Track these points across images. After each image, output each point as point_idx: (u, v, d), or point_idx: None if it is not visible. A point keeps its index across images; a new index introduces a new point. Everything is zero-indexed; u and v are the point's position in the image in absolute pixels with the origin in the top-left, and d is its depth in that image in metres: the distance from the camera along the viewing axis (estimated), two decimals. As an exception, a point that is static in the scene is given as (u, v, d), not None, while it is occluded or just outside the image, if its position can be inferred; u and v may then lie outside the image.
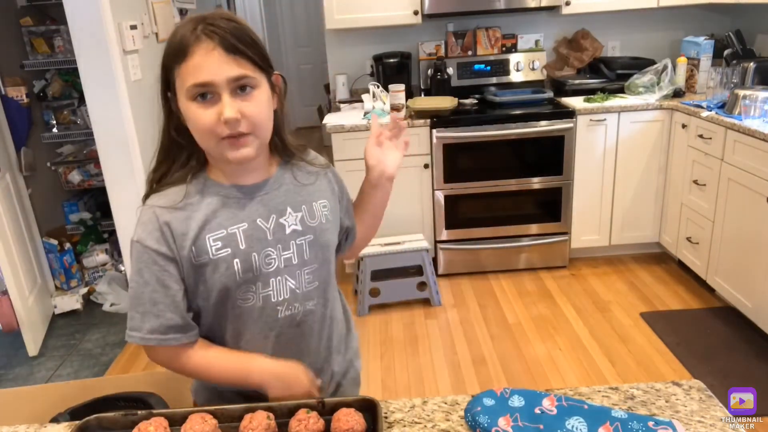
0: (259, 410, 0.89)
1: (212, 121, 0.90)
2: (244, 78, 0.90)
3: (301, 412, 0.89)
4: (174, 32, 0.92)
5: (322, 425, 0.88)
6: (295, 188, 1.04)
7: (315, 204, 1.05)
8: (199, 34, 0.88)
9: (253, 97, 0.92)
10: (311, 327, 1.05)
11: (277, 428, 0.88)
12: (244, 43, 0.90)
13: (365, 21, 3.25)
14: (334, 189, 1.11)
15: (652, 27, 3.57)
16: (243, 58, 0.90)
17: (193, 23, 0.90)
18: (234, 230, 0.97)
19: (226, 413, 0.91)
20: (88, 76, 2.71)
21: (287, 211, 1.01)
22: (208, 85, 0.89)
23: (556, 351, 2.61)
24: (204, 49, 0.88)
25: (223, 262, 0.96)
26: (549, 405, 0.90)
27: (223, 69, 0.89)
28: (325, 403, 0.92)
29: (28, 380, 2.66)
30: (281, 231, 1.00)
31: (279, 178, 1.04)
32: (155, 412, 0.92)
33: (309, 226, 1.03)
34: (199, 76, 0.89)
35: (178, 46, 0.90)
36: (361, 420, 0.88)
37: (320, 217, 1.04)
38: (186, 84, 0.90)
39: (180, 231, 0.95)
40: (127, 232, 2.96)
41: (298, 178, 1.06)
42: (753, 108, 2.55)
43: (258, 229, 0.99)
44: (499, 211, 3.27)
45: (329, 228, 1.06)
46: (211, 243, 0.96)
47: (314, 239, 1.03)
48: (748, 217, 2.52)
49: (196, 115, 0.91)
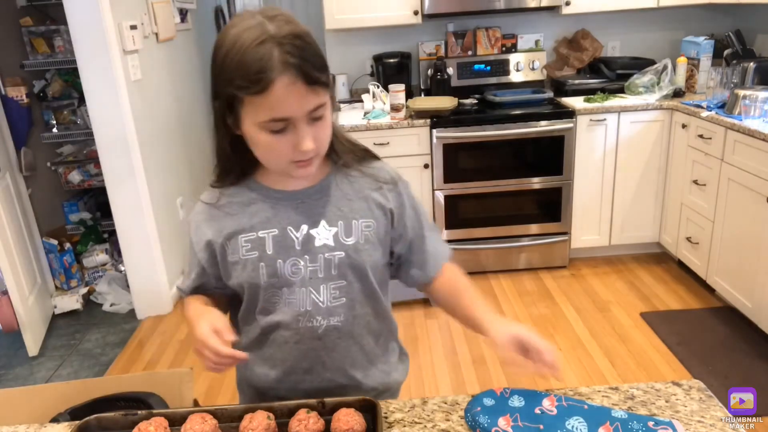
0: (259, 410, 0.89)
1: (287, 150, 0.89)
2: (320, 107, 0.88)
3: (301, 412, 0.89)
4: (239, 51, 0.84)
5: (322, 425, 0.88)
6: (337, 202, 1.00)
7: (356, 222, 0.99)
8: (278, 66, 0.82)
9: (323, 121, 0.90)
10: (334, 342, 1.02)
11: (277, 428, 0.88)
12: (319, 69, 0.86)
13: (365, 21, 3.25)
14: (390, 212, 1.03)
15: (652, 27, 3.56)
16: (320, 87, 0.86)
17: (265, 45, 0.82)
18: (264, 234, 0.98)
19: (226, 413, 0.91)
20: (88, 76, 2.71)
21: (320, 224, 0.98)
22: (287, 120, 0.86)
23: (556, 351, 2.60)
24: (284, 83, 0.83)
25: (250, 264, 0.98)
26: (549, 405, 0.90)
27: (303, 103, 0.85)
28: (325, 403, 0.92)
29: (28, 380, 2.66)
30: (310, 242, 0.98)
31: (323, 188, 1.00)
32: (155, 412, 0.92)
33: (342, 243, 0.98)
34: (278, 112, 0.85)
35: (253, 75, 0.82)
36: (361, 420, 0.88)
37: (359, 236, 0.99)
38: (260, 117, 0.86)
39: (217, 229, 1.00)
40: (127, 232, 2.98)
41: (346, 191, 1.01)
42: (753, 108, 2.55)
43: (287, 237, 0.98)
44: (499, 211, 3.27)
45: (368, 249, 1.00)
46: (242, 243, 0.98)
47: (345, 257, 0.98)
48: (748, 217, 2.51)
49: (268, 143, 0.89)
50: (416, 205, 1.08)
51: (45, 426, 1.01)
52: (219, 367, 0.89)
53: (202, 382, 2.53)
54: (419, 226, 1.07)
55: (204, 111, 3.96)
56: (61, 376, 2.68)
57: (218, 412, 0.91)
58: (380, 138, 3.09)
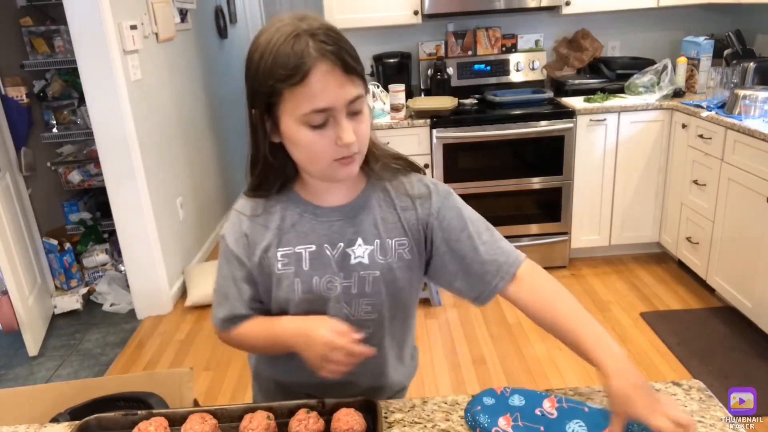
0: (259, 410, 0.90)
1: (328, 146, 0.87)
2: (358, 98, 0.87)
3: (301, 412, 0.89)
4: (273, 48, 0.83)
5: (322, 425, 0.88)
6: (373, 219, 0.98)
7: (389, 241, 0.98)
8: (315, 54, 0.82)
9: (362, 116, 0.89)
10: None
11: (277, 428, 0.88)
12: (354, 60, 0.85)
13: (365, 21, 3.25)
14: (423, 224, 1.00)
15: (652, 27, 3.56)
16: (356, 77, 0.86)
17: (301, 38, 0.82)
18: (301, 250, 0.97)
19: (226, 413, 0.92)
20: (88, 76, 2.71)
21: (357, 242, 0.97)
22: (328, 110, 0.85)
23: (556, 351, 2.61)
24: (322, 71, 0.82)
25: (285, 279, 0.97)
26: (549, 407, 0.90)
27: (342, 92, 0.84)
28: (325, 403, 0.92)
29: (28, 380, 2.66)
30: (346, 260, 0.97)
31: (360, 205, 0.99)
32: (155, 412, 0.92)
33: (377, 261, 0.98)
34: (319, 102, 0.83)
35: (291, 66, 0.82)
36: (361, 420, 0.88)
37: (393, 255, 0.98)
38: (301, 110, 0.84)
39: (254, 240, 0.99)
40: (127, 232, 2.98)
41: (382, 207, 0.99)
42: (753, 108, 2.55)
43: (323, 254, 0.97)
44: (499, 211, 3.27)
45: (402, 267, 0.99)
46: (278, 257, 0.97)
47: (380, 276, 0.98)
48: (748, 217, 2.52)
49: (311, 140, 0.87)
50: (462, 213, 1.01)
51: (45, 426, 1.01)
52: (346, 368, 0.90)
53: (202, 382, 2.53)
54: (468, 236, 0.99)
55: (204, 111, 3.96)
56: (61, 376, 2.68)
57: (218, 412, 0.91)
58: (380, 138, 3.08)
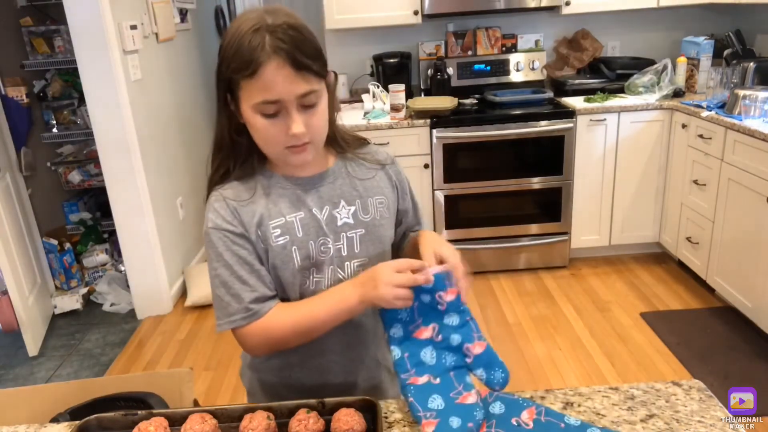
0: (259, 410, 0.89)
1: (279, 134, 0.92)
2: (310, 93, 0.91)
3: (300, 412, 0.89)
4: (237, 39, 0.89)
5: (322, 425, 0.88)
6: (350, 182, 1.06)
7: (370, 199, 1.06)
8: (268, 50, 0.87)
9: (316, 109, 0.94)
10: (360, 320, 1.05)
11: (277, 428, 0.88)
12: (310, 57, 0.90)
13: (365, 21, 3.25)
14: (395, 185, 1.12)
15: (652, 27, 3.56)
16: (309, 73, 0.90)
17: (259, 33, 0.88)
18: (292, 218, 1.01)
19: (226, 413, 0.92)
20: (88, 76, 2.71)
21: (341, 204, 1.04)
22: (277, 102, 0.90)
23: (556, 351, 2.61)
24: (273, 66, 0.88)
25: (282, 249, 1.00)
26: (527, 418, 0.90)
27: (292, 87, 0.89)
28: (325, 403, 0.92)
29: (28, 380, 2.66)
30: (333, 222, 1.03)
31: (335, 172, 1.06)
32: (155, 412, 0.92)
33: (361, 220, 1.04)
34: (268, 94, 0.89)
35: (245, 59, 0.88)
36: (361, 420, 0.88)
37: (374, 213, 1.06)
38: (253, 99, 0.90)
39: (246, 219, 0.99)
40: (127, 232, 2.98)
41: (355, 172, 1.08)
42: (753, 108, 2.55)
43: (313, 218, 1.02)
44: (499, 211, 3.27)
45: (384, 224, 1.08)
46: (271, 230, 1.00)
47: (366, 233, 1.04)
48: (748, 217, 2.51)
49: (264, 127, 0.93)
50: (407, 178, 1.17)
51: (45, 426, 1.01)
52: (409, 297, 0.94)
53: (202, 382, 2.53)
54: (411, 197, 1.18)
55: (204, 111, 3.96)
56: (61, 376, 2.67)
57: (218, 412, 0.91)
58: (380, 138, 3.09)
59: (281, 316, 0.99)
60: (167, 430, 0.88)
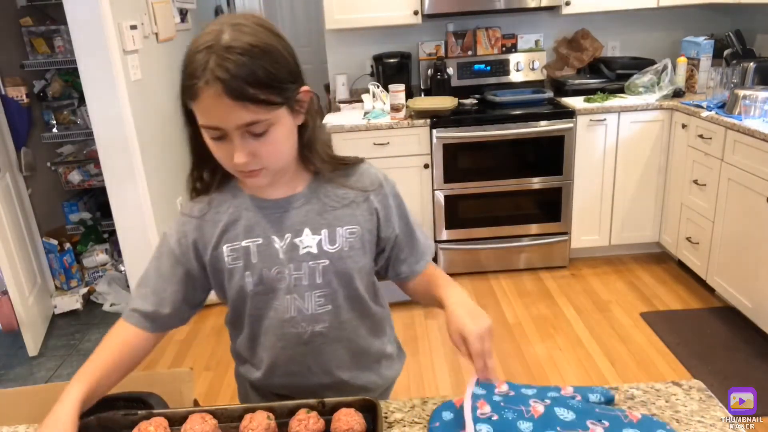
0: (259, 410, 0.89)
1: (226, 158, 0.90)
2: (254, 123, 0.85)
3: (301, 412, 0.89)
4: (191, 53, 0.85)
5: (322, 425, 0.88)
6: (320, 209, 1.00)
7: (340, 229, 1.00)
8: (208, 76, 0.82)
9: (267, 137, 0.88)
10: (320, 347, 1.04)
11: (277, 428, 0.88)
12: (255, 86, 0.83)
13: (365, 21, 3.25)
14: (376, 215, 1.04)
15: (652, 27, 3.56)
16: (252, 104, 0.83)
17: (207, 53, 0.83)
18: (248, 244, 0.99)
19: (226, 413, 0.92)
20: (88, 76, 2.71)
21: (304, 232, 0.99)
22: (218, 129, 0.86)
23: (556, 351, 2.61)
24: (211, 95, 0.83)
25: (236, 273, 0.99)
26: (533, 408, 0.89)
27: (230, 117, 0.84)
28: (325, 403, 0.92)
29: (28, 380, 2.66)
30: (294, 251, 0.99)
31: (305, 196, 1.00)
32: (155, 412, 0.92)
33: (326, 251, 0.99)
34: (207, 120, 0.86)
35: (188, 80, 0.85)
36: (361, 420, 0.88)
37: (342, 243, 1.00)
38: (199, 121, 0.88)
39: (203, 241, 1.01)
40: (127, 232, 2.97)
41: (328, 199, 1.01)
42: (753, 108, 2.55)
43: (271, 246, 0.99)
44: (499, 211, 3.27)
45: (353, 255, 1.01)
46: (227, 253, 0.99)
47: (330, 265, 1.00)
48: (748, 217, 2.51)
49: (213, 147, 0.91)
50: (401, 204, 1.09)
51: (45, 426, 1.00)
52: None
53: (202, 382, 2.53)
54: (405, 224, 1.09)
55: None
56: (61, 376, 2.67)
57: (218, 412, 0.91)
58: (380, 138, 3.09)
59: (112, 335, 1.01)
60: (167, 430, 0.88)
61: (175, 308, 1.02)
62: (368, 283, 1.08)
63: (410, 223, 1.09)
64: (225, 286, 1.02)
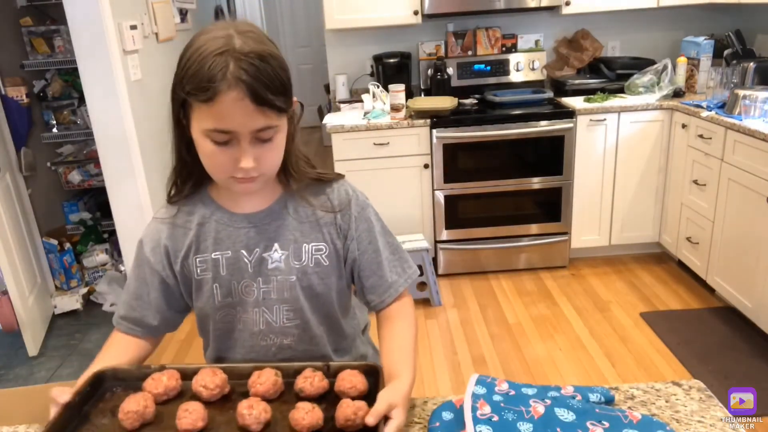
0: (267, 368, 0.91)
1: (227, 163, 0.88)
2: (268, 128, 0.87)
3: (307, 371, 0.91)
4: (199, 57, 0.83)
5: (327, 384, 0.90)
6: (290, 224, 1.00)
7: (306, 246, 1.00)
8: (230, 79, 0.81)
9: (272, 143, 0.89)
10: (288, 361, 1.03)
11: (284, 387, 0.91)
12: (273, 91, 0.84)
13: (365, 21, 3.25)
14: (345, 233, 1.02)
15: (652, 27, 3.56)
16: (270, 109, 0.85)
17: (224, 57, 0.82)
18: (218, 256, 0.99)
19: (236, 370, 0.94)
20: (88, 76, 2.71)
21: (273, 247, 0.99)
22: (230, 133, 0.86)
23: (556, 351, 2.61)
24: (232, 97, 0.82)
25: (205, 284, 1.00)
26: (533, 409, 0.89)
27: (248, 121, 0.85)
28: (330, 366, 0.94)
29: (28, 380, 2.66)
30: (263, 265, 0.99)
31: (274, 212, 1.00)
32: (168, 366, 0.94)
33: (292, 267, 0.99)
34: (221, 124, 0.85)
35: (204, 83, 0.82)
36: (364, 380, 0.90)
37: (308, 260, 1.00)
38: (205, 125, 0.86)
39: (175, 249, 1.01)
40: (127, 232, 2.97)
41: (298, 214, 1.01)
42: (753, 108, 2.55)
43: (240, 259, 0.99)
44: (499, 211, 3.27)
45: (318, 272, 1.01)
46: (197, 264, 1.00)
47: (296, 280, 1.00)
48: (748, 217, 2.51)
49: (211, 153, 0.89)
50: (371, 229, 1.04)
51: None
52: None
53: (202, 382, 2.53)
54: (373, 250, 1.04)
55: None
56: (61, 376, 2.67)
57: (227, 369, 0.93)
58: (380, 138, 3.09)
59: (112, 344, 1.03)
60: (179, 381, 0.91)
61: (161, 315, 1.04)
62: (340, 300, 1.07)
63: (379, 250, 1.04)
64: (193, 296, 1.03)
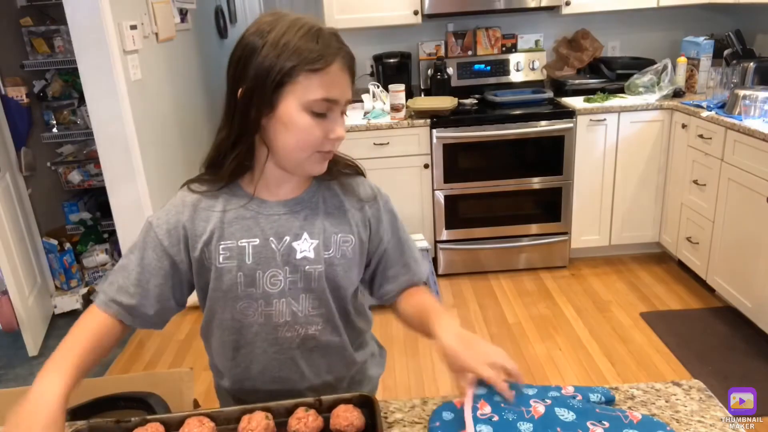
0: (257, 411, 0.89)
1: (321, 137, 0.92)
2: (350, 102, 0.95)
3: (299, 411, 0.89)
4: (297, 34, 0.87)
5: (321, 422, 0.88)
6: (320, 214, 1.00)
7: (335, 236, 1.00)
8: (335, 49, 0.89)
9: (344, 119, 0.97)
10: (311, 351, 1.04)
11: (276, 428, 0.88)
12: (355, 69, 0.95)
13: (365, 21, 3.25)
14: (369, 226, 1.04)
15: (652, 27, 3.56)
16: (353, 84, 0.95)
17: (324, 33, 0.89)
18: (244, 243, 0.97)
19: (223, 415, 0.91)
20: (88, 76, 2.71)
21: (303, 236, 0.98)
22: (335, 102, 0.91)
23: (556, 351, 2.61)
24: (339, 66, 0.90)
25: (227, 272, 0.97)
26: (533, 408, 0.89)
27: (347, 91, 0.93)
28: (322, 401, 0.92)
29: (28, 380, 2.65)
30: (292, 254, 0.98)
31: (305, 201, 1.01)
32: (149, 418, 0.90)
33: (322, 257, 0.99)
34: (330, 92, 0.89)
35: (315, 53, 0.87)
36: (360, 415, 0.88)
37: (335, 250, 1.00)
38: (312, 95, 0.88)
39: (196, 233, 0.97)
40: (127, 232, 2.98)
41: (328, 204, 1.02)
42: (753, 108, 2.55)
43: (268, 247, 0.97)
44: (499, 211, 3.27)
45: (344, 264, 1.01)
46: (220, 251, 0.97)
47: (324, 270, 0.99)
48: (748, 217, 2.51)
49: (307, 126, 0.90)
50: (394, 220, 1.08)
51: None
52: None
53: (202, 382, 2.53)
54: (397, 240, 1.08)
55: (204, 111, 3.96)
56: (61, 376, 2.67)
57: (215, 415, 0.90)
58: (380, 138, 3.09)
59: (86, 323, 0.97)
60: None
61: (160, 305, 0.99)
62: (354, 297, 1.08)
63: (402, 241, 1.08)
64: (211, 284, 0.98)
